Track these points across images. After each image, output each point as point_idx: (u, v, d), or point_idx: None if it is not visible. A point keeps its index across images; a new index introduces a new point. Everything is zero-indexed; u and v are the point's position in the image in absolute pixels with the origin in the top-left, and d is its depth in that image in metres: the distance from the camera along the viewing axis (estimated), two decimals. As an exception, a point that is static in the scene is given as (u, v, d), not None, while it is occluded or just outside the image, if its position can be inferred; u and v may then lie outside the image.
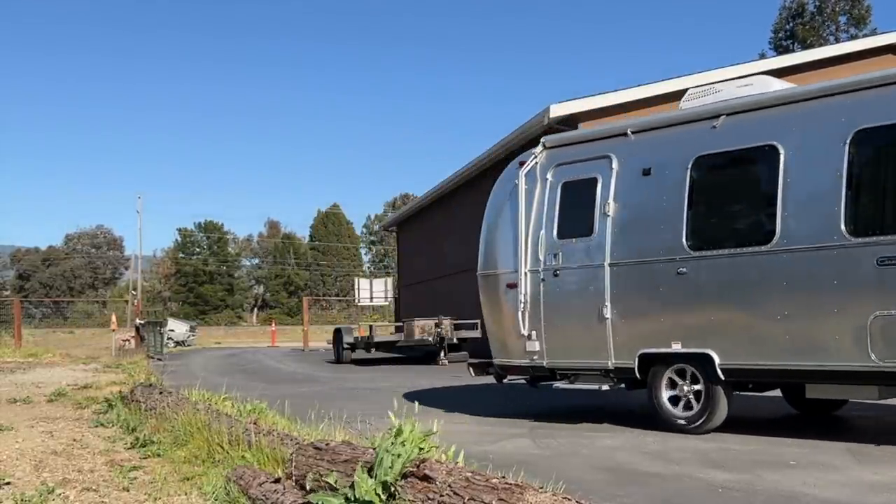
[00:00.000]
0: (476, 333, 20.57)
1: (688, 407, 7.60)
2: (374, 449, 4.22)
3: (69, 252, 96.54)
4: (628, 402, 9.49)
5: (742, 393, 8.06)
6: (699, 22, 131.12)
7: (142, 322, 28.82)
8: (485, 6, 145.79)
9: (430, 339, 19.87)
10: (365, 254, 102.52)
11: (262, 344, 39.91)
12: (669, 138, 8.08)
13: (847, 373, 6.66)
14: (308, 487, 4.44)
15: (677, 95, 17.07)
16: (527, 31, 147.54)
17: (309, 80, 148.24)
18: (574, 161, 8.67)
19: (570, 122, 17.15)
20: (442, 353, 19.90)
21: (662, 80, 17.24)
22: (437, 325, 19.90)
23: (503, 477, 3.54)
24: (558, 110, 16.94)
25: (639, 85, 17.22)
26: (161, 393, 9.03)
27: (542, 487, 3.44)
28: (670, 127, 8.14)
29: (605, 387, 8.15)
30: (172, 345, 33.97)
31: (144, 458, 6.63)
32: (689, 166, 7.61)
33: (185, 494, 5.25)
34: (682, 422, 7.58)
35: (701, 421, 7.46)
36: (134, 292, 56.33)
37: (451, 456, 4.42)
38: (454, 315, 20.97)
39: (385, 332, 24.41)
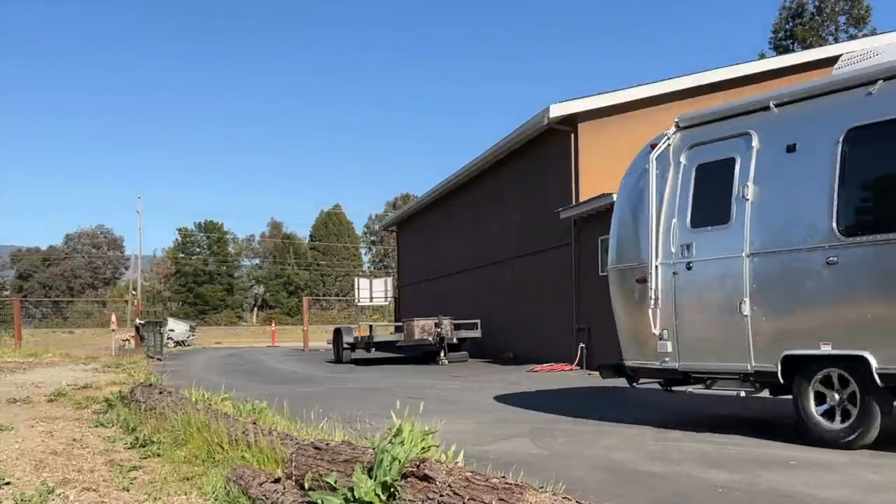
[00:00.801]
0: (476, 333, 20.61)
1: (842, 417, 6.71)
2: (373, 449, 4.21)
3: (69, 252, 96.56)
4: (628, 402, 9.49)
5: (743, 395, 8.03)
6: (699, 22, 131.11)
7: (142, 322, 28.82)
8: (485, 9, 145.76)
9: (430, 338, 19.88)
10: (365, 254, 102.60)
11: (262, 344, 39.90)
12: (818, 109, 7.16)
13: None
14: (307, 487, 4.44)
15: (677, 95, 17.25)
16: (527, 32, 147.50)
17: (310, 81, 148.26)
18: (709, 141, 7.88)
19: (570, 122, 17.17)
20: (442, 353, 19.92)
21: (662, 80, 17.25)
22: (436, 325, 19.91)
23: (503, 477, 3.54)
24: (558, 110, 16.95)
25: (639, 85, 17.23)
26: (161, 393, 9.03)
27: (542, 487, 3.44)
28: (819, 97, 7.20)
29: (743, 393, 7.39)
30: (172, 345, 33.98)
31: (144, 458, 6.63)
32: (840, 140, 6.74)
33: (185, 494, 5.25)
34: (833, 434, 6.69)
35: (855, 435, 6.56)
36: (134, 292, 56.34)
37: (451, 456, 4.42)
38: (454, 315, 20.99)
39: (385, 332, 24.41)
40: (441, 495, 3.56)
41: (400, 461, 3.88)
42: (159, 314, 63.53)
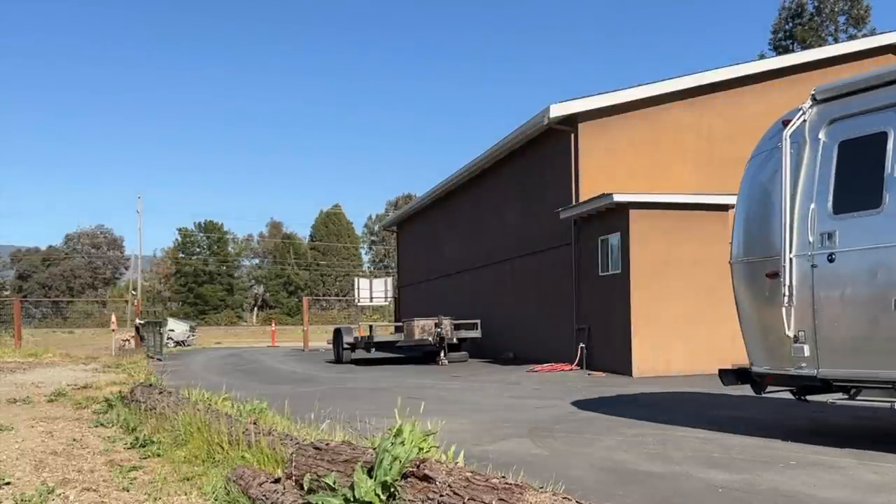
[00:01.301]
0: (476, 333, 20.61)
1: None
2: (373, 449, 4.21)
3: (69, 252, 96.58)
4: (628, 402, 9.49)
5: (743, 394, 8.03)
6: (699, 22, 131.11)
7: (141, 322, 28.81)
8: (485, 9, 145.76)
9: (430, 339, 19.88)
10: (365, 254, 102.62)
11: (262, 344, 39.90)
12: None
13: None
14: (306, 487, 4.44)
15: (677, 95, 17.26)
16: (528, 33, 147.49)
17: (310, 81, 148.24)
18: (854, 114, 6.93)
19: (570, 121, 17.17)
20: (442, 353, 19.92)
21: (662, 81, 17.25)
22: (436, 325, 19.91)
23: (503, 477, 3.54)
24: (558, 110, 16.95)
25: (639, 85, 17.23)
26: (161, 393, 9.03)
27: (542, 487, 3.44)
28: None
29: None
30: (172, 345, 33.98)
31: (144, 458, 6.63)
32: None
33: (185, 494, 5.25)
34: None
35: None
36: (134, 292, 56.33)
37: (451, 456, 4.42)
38: (454, 315, 20.99)
39: (385, 332, 24.43)
40: (441, 495, 3.56)
41: (400, 461, 3.88)
42: (159, 314, 63.54)
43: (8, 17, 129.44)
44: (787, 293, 7.04)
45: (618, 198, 14.77)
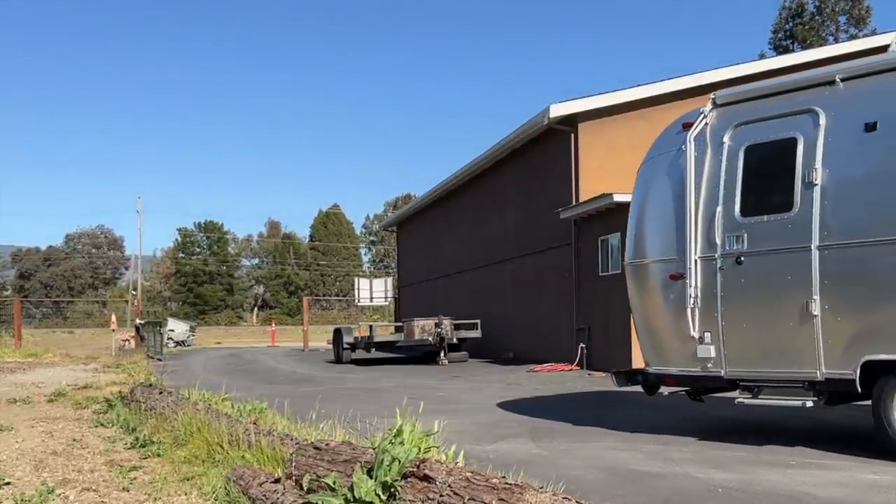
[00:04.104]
0: (476, 333, 20.60)
1: None
2: (373, 449, 4.21)
3: (69, 252, 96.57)
4: (628, 402, 9.49)
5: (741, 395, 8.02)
6: (699, 22, 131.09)
7: (141, 322, 28.80)
8: (486, 9, 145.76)
9: (430, 339, 19.88)
10: (365, 254, 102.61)
11: (262, 344, 39.89)
12: None
13: None
14: (306, 487, 4.44)
15: (677, 95, 17.25)
16: (528, 33, 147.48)
17: (310, 82, 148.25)
18: (762, 118, 7.04)
19: (570, 121, 17.18)
20: (442, 353, 19.91)
21: (662, 81, 17.25)
22: (436, 325, 19.91)
23: (503, 477, 3.54)
24: (558, 110, 16.95)
25: (639, 85, 17.23)
26: (161, 393, 9.03)
27: (542, 487, 3.44)
28: None
29: (809, 403, 6.54)
30: (172, 345, 33.96)
31: (144, 458, 6.63)
32: None
33: (185, 494, 5.25)
34: None
35: None
36: (134, 292, 56.32)
37: (451, 456, 4.43)
38: (454, 315, 20.99)
39: (385, 332, 24.41)
40: (441, 495, 3.57)
41: (400, 461, 3.88)
42: (159, 314, 63.51)
43: (8, 17, 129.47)
44: (692, 294, 7.13)
45: (618, 198, 14.76)
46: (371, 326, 21.70)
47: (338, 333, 22.11)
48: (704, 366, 7.12)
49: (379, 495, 3.84)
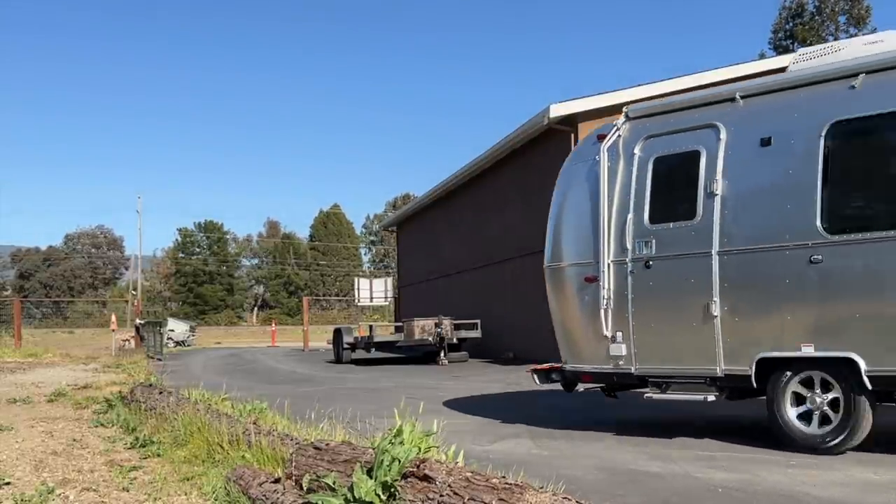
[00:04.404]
0: (476, 333, 20.58)
1: (823, 422, 6.51)
2: (373, 449, 4.22)
3: (69, 252, 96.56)
4: (628, 403, 9.49)
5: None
6: (699, 22, 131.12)
7: (141, 322, 28.80)
8: (486, 9, 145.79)
9: (430, 339, 19.87)
10: (365, 254, 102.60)
11: (262, 344, 39.89)
12: (794, 102, 6.91)
13: None
14: (306, 487, 4.44)
15: (677, 95, 17.17)
16: (528, 33, 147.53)
17: (309, 82, 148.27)
18: (670, 132, 7.53)
19: (570, 121, 17.17)
20: (442, 353, 19.91)
21: (662, 81, 17.24)
22: (436, 325, 19.90)
23: (503, 477, 3.54)
24: (558, 110, 16.94)
25: (639, 85, 17.23)
26: (161, 393, 9.03)
27: (542, 487, 3.44)
28: (794, 89, 6.99)
29: (711, 397, 7.03)
30: (172, 345, 33.96)
31: (144, 458, 6.63)
32: (823, 134, 6.53)
33: (185, 494, 5.25)
34: (817, 439, 6.47)
35: (840, 439, 6.36)
36: (134, 292, 56.32)
37: (451, 456, 4.43)
38: (454, 315, 20.98)
39: (385, 332, 24.40)
40: (441, 495, 3.57)
41: (400, 461, 3.88)
42: (159, 314, 63.49)
43: (8, 17, 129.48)
44: (605, 296, 7.57)
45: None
46: (371, 326, 21.69)
47: (338, 333, 22.10)
48: (616, 363, 7.56)
49: (379, 495, 3.84)
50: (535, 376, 8.57)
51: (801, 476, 5.61)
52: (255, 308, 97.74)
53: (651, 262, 7.34)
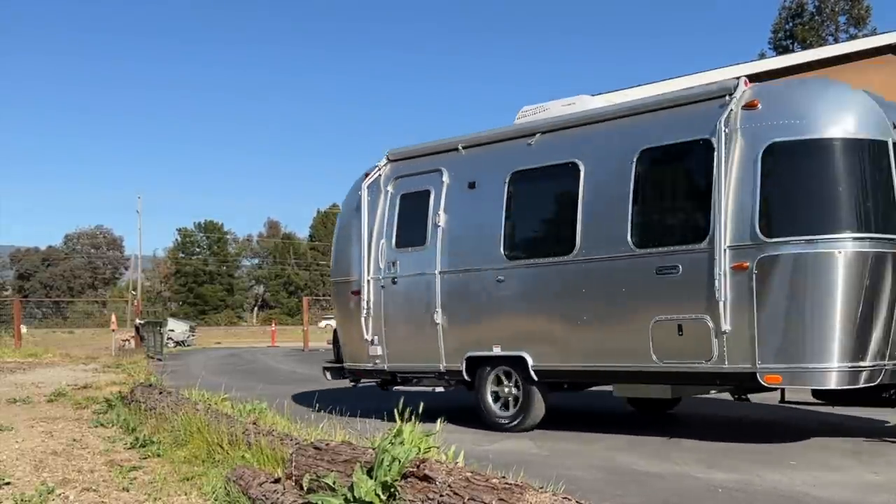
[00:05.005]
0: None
1: (507, 406, 8.09)
2: (373, 449, 4.21)
3: (69, 252, 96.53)
4: (626, 402, 9.49)
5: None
6: (699, 22, 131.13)
7: (141, 322, 28.77)
8: (486, 10, 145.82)
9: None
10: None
11: (262, 344, 39.86)
12: (493, 154, 8.59)
13: (638, 373, 7.20)
14: (306, 487, 4.44)
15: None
16: (528, 33, 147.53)
17: (308, 82, 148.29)
18: (411, 174, 9.17)
19: (570, 122, 17.15)
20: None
21: (662, 81, 17.22)
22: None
23: (503, 477, 3.54)
24: (558, 110, 16.91)
25: (638, 85, 17.20)
26: (161, 393, 9.02)
27: (542, 487, 3.44)
28: (495, 143, 8.61)
29: (440, 389, 8.78)
30: (172, 345, 33.89)
31: (144, 458, 6.62)
32: (507, 180, 8.21)
33: (185, 494, 5.25)
34: (503, 421, 8.04)
35: (519, 420, 7.94)
36: (134, 292, 56.31)
37: (451, 456, 4.42)
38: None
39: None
40: (441, 495, 3.57)
41: (400, 461, 3.88)
42: (159, 314, 63.43)
43: (8, 17, 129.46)
44: (365, 307, 9.16)
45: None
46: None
47: (337, 333, 22.05)
48: (375, 362, 9.16)
49: (379, 495, 3.84)
50: (328, 373, 10.17)
51: (801, 476, 5.61)
52: (255, 308, 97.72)
53: (396, 280, 9.00)
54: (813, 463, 6.07)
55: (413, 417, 4.55)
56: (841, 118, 6.56)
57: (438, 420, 5.08)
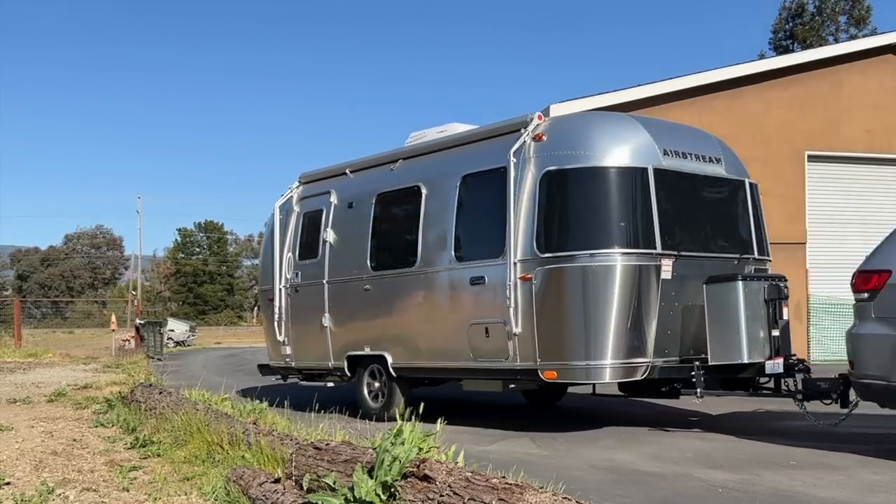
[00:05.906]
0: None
1: (377, 398, 9.17)
2: (374, 449, 4.22)
3: (69, 252, 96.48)
4: (627, 402, 9.49)
5: (741, 394, 8.03)
6: (699, 22, 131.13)
7: (141, 322, 28.76)
8: (486, 10, 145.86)
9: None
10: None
11: (262, 344, 39.82)
12: (367, 177, 9.76)
13: (465, 370, 8.25)
14: (306, 487, 4.44)
15: (677, 95, 17.23)
16: (528, 33, 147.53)
17: (308, 82, 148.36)
18: (312, 195, 10.40)
19: (570, 122, 17.15)
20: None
21: (662, 81, 17.23)
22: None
23: (503, 477, 3.54)
24: (559, 110, 16.91)
25: (639, 85, 17.22)
26: (161, 393, 9.02)
27: (542, 487, 3.44)
28: (372, 168, 9.79)
29: (331, 384, 9.99)
30: (172, 345, 33.91)
31: (144, 458, 6.62)
32: (374, 201, 9.37)
33: (185, 494, 5.25)
34: (374, 410, 8.94)
35: (384, 409, 8.84)
36: (134, 292, 56.29)
37: (451, 456, 4.43)
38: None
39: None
40: (441, 495, 3.57)
41: (400, 461, 3.88)
42: (159, 314, 63.39)
43: (9, 19, 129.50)
44: (277, 312, 10.41)
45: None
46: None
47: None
48: (286, 361, 10.41)
49: (379, 495, 3.84)
50: (261, 371, 11.33)
51: (801, 476, 5.61)
52: (256, 308, 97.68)
53: (299, 288, 10.22)
54: (813, 463, 6.07)
55: (413, 417, 4.56)
56: (608, 149, 7.59)
57: (438, 420, 5.08)
